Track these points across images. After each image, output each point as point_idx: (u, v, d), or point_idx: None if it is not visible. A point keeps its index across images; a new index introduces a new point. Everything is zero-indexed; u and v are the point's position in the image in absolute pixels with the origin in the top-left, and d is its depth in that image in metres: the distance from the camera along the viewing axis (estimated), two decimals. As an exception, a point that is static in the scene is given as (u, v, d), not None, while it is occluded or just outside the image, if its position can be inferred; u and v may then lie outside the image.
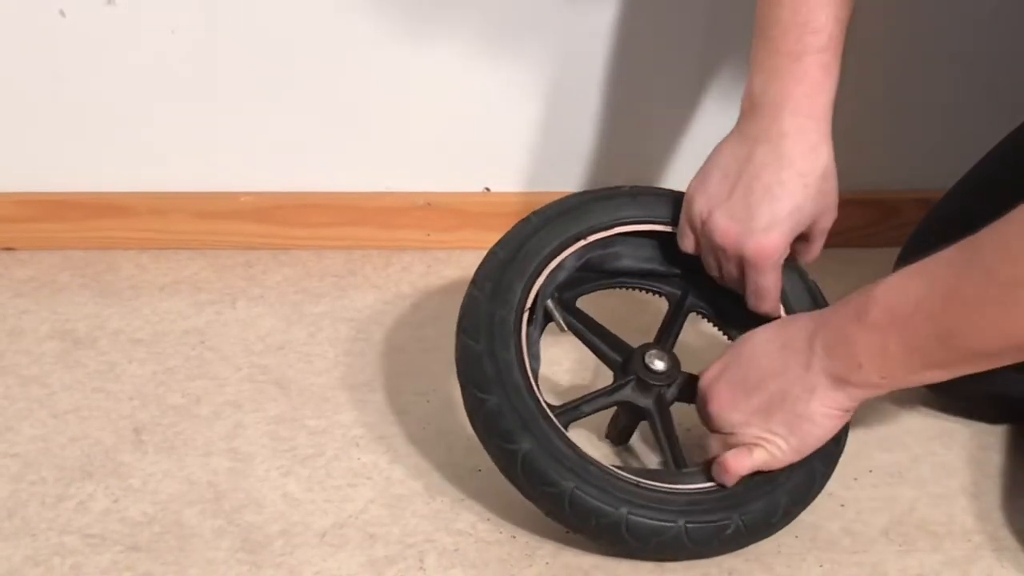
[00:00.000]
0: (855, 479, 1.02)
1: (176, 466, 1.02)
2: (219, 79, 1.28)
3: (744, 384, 0.91)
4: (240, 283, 1.28)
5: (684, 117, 1.31)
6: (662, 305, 1.06)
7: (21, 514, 0.97)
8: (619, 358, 0.99)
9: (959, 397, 1.08)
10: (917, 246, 0.89)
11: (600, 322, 1.02)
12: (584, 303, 1.03)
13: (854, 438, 1.01)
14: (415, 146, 1.31)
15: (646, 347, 0.99)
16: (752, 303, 0.98)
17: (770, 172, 0.94)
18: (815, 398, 0.89)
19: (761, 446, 0.91)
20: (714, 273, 1.00)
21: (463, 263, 1.31)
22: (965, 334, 0.82)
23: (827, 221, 0.98)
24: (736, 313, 1.02)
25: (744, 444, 0.92)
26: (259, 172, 1.32)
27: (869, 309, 0.86)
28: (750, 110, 0.96)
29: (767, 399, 0.90)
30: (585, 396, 0.98)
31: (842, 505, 0.99)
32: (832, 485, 1.00)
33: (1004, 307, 0.80)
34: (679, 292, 1.04)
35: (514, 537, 0.95)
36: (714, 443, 0.94)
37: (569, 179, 1.33)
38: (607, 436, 1.04)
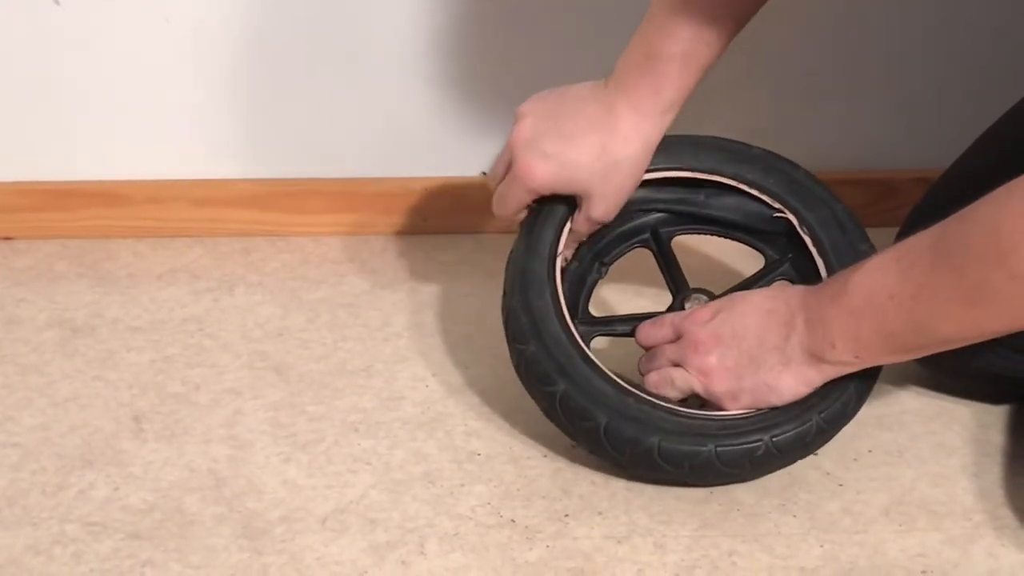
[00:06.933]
0: (855, 459, 1.02)
1: (176, 454, 1.02)
2: (213, 67, 1.27)
3: (726, 337, 0.94)
4: (238, 270, 1.28)
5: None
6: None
7: (22, 503, 0.97)
8: (675, 295, 1.04)
9: (959, 377, 1.08)
10: (915, 226, 0.89)
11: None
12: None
13: (853, 419, 1.00)
14: (411, 131, 1.31)
15: (694, 291, 1.03)
16: (494, 204, 1.04)
17: (583, 121, 0.99)
18: (788, 371, 0.92)
19: (722, 401, 0.95)
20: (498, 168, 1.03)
21: (460, 248, 1.31)
22: (936, 326, 0.86)
23: (596, 209, 1.01)
24: None
25: (694, 389, 0.96)
26: (256, 159, 1.32)
27: (847, 292, 0.89)
28: (610, 77, 1.01)
29: (744, 360, 0.93)
30: (622, 315, 1.07)
31: (841, 485, 0.99)
32: (831, 465, 1.00)
33: (972, 306, 0.83)
34: (778, 257, 1.06)
35: (514, 521, 0.95)
36: (676, 376, 0.97)
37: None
38: None
